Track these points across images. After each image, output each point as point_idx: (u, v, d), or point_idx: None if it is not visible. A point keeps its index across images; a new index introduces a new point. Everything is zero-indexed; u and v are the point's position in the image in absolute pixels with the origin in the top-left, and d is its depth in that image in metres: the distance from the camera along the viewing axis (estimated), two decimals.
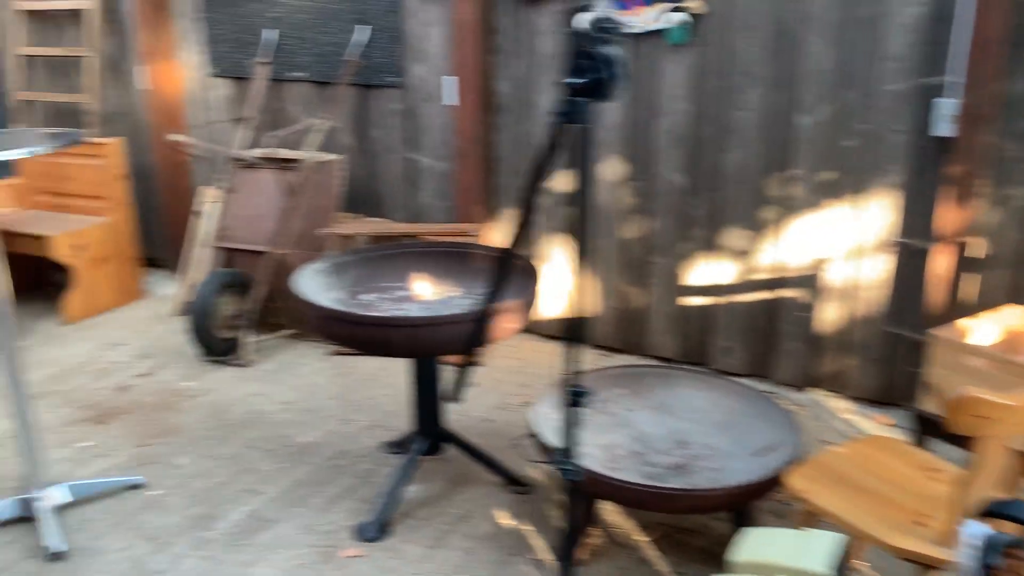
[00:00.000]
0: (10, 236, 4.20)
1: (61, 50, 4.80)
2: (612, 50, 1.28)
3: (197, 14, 4.47)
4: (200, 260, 4.33)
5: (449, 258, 3.00)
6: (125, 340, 4.10)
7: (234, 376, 3.67)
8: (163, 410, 3.38)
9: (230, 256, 4.02)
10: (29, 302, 4.38)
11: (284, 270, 3.87)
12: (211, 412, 3.35)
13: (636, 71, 3.44)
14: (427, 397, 2.71)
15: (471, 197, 3.84)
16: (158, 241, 4.90)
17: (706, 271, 3.53)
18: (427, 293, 2.91)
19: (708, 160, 3.41)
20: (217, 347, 3.74)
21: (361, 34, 3.96)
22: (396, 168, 4.12)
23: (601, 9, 3.20)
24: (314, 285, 2.71)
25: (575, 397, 1.60)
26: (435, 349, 2.42)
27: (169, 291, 4.70)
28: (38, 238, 4.27)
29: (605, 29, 1.26)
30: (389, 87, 4.01)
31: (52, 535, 2.50)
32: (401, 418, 3.26)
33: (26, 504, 2.61)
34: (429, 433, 2.76)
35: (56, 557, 2.46)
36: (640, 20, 3.35)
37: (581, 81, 1.29)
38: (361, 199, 4.21)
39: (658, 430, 2.66)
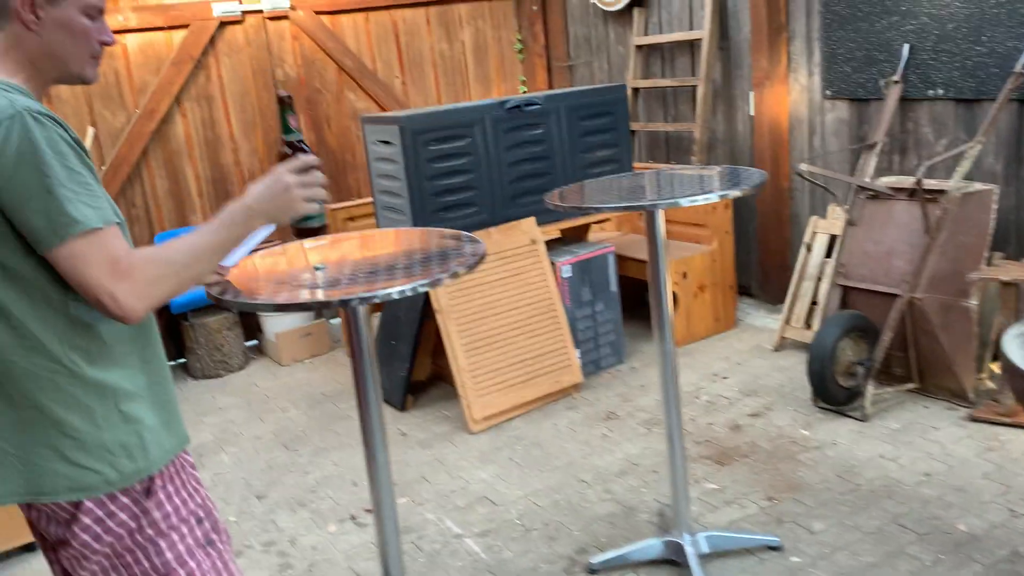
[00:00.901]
0: (619, 259, 4.43)
1: (672, 81, 4.98)
2: None
3: (815, 34, 4.22)
4: (806, 295, 4.08)
5: None
6: (726, 372, 4.03)
7: (854, 430, 3.31)
8: (783, 459, 3.17)
9: (848, 295, 3.67)
10: (631, 323, 4.58)
11: (916, 316, 3.40)
12: (837, 470, 3.04)
13: None
14: None
15: None
16: (750, 269, 4.80)
17: None
18: None
19: None
20: (834, 395, 3.42)
21: None
22: None
23: None
24: (1017, 352, 2.20)
25: None
26: None
27: (763, 323, 4.56)
28: (646, 263, 4.44)
29: None
30: None
31: None
32: None
33: (674, 548, 2.58)
34: None
35: None
36: None
37: None
38: (1009, 236, 3.53)
39: None
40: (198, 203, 5.13)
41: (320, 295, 1.69)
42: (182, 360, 4.88)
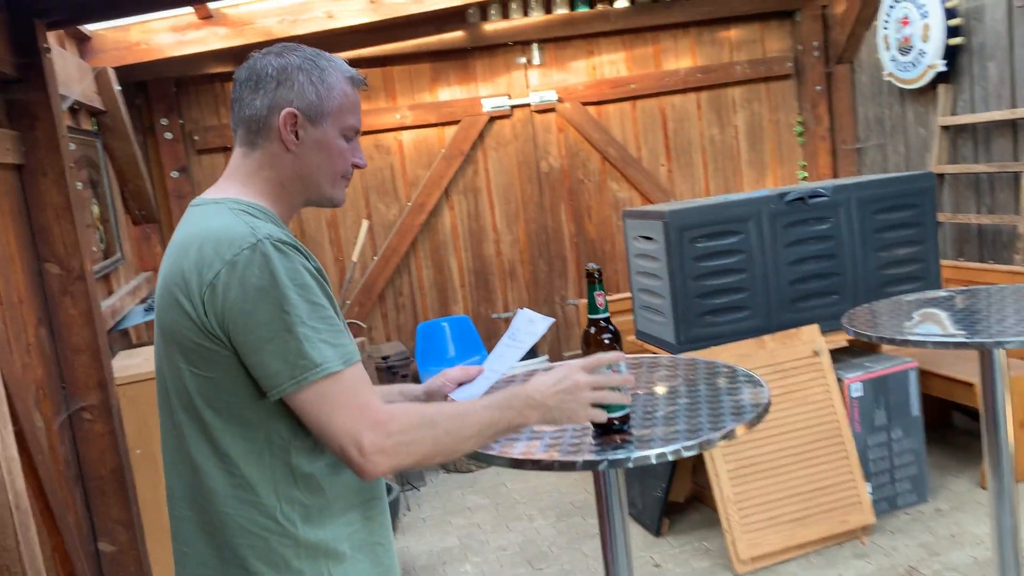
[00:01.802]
0: (921, 373, 3.73)
1: (989, 166, 4.24)
2: None
3: None
4: None
5: None
6: None
7: None
8: None
9: None
10: (935, 452, 3.83)
11: None
12: None
13: None
14: None
15: None
16: None
17: None
18: None
19: None
20: None
21: None
22: None
23: None
24: None
25: None
26: None
27: None
28: (958, 383, 3.72)
29: None
30: None
31: None
32: None
33: None
34: None
35: None
36: None
37: None
38: None
39: None
40: (460, 293, 5.16)
41: (567, 456, 1.40)
42: None
